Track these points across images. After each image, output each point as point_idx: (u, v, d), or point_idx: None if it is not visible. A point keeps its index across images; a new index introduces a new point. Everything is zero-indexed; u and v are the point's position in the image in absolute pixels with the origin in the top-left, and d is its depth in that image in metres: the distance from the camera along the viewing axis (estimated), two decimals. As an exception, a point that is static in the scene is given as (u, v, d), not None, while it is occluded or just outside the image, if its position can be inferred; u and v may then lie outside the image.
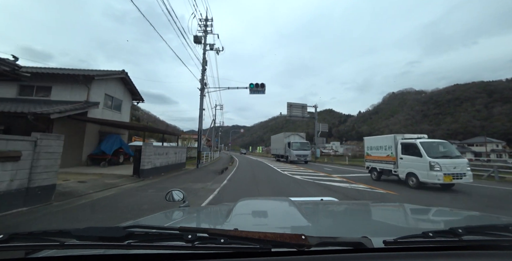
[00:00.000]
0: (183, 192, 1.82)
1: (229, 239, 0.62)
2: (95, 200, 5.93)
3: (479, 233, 0.74)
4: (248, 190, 8.04)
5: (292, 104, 28.73)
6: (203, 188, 8.06)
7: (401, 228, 1.16)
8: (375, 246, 0.66)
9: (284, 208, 1.55)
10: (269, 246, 0.62)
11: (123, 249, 0.64)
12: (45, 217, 4.45)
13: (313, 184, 9.51)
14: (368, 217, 1.44)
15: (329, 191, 7.93)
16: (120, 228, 0.66)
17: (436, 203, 6.26)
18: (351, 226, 1.18)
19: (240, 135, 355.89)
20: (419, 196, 7.13)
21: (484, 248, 0.71)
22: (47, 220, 4.31)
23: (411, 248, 0.70)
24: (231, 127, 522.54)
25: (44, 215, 4.58)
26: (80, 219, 4.50)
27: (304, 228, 1.03)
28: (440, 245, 0.71)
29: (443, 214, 1.45)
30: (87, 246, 0.62)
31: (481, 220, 1.24)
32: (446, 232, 0.71)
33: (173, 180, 10.31)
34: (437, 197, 6.96)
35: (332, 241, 0.65)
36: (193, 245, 0.62)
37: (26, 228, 3.83)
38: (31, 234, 0.65)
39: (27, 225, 4.01)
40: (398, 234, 0.70)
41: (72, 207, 5.22)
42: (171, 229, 0.69)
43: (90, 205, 5.46)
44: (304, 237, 0.62)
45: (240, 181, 10.21)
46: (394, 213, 1.51)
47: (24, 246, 0.63)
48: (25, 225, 4.00)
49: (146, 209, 5.11)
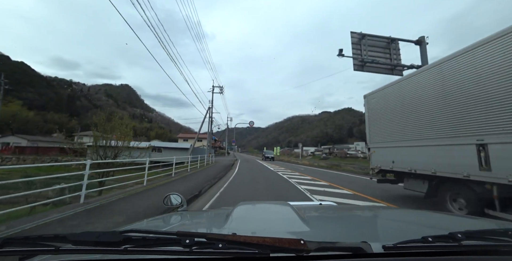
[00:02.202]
0: (181, 196, 1.81)
1: (228, 244, 0.62)
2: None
3: (479, 238, 0.73)
4: None
5: (365, 35, 9.84)
6: None
7: (400, 233, 1.15)
8: (374, 251, 0.66)
9: (283, 212, 1.49)
10: (268, 251, 0.61)
11: (119, 254, 0.62)
12: None
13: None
14: (368, 222, 1.42)
15: None
16: (116, 232, 0.66)
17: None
18: (350, 231, 1.16)
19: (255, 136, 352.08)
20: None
21: (483, 253, 0.71)
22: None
23: (411, 253, 0.69)
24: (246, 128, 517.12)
25: None
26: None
27: (303, 233, 1.01)
28: (440, 250, 0.70)
29: (443, 218, 1.44)
30: (83, 251, 0.61)
31: (480, 225, 1.23)
32: (445, 237, 0.70)
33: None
34: None
35: (331, 246, 0.65)
36: (191, 250, 0.61)
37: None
38: (26, 239, 0.63)
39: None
40: (397, 239, 0.70)
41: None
42: (169, 234, 0.68)
43: None
44: (303, 242, 0.61)
45: None
46: (394, 218, 1.49)
47: (18, 251, 0.62)
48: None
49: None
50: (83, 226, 3.74)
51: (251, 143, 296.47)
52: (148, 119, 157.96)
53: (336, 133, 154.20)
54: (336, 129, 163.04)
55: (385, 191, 7.75)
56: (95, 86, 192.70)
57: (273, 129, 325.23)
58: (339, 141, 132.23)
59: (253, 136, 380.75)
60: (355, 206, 3.96)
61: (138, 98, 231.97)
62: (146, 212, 4.55)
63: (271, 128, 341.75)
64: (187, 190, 7.03)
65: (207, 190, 7.94)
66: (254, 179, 11.16)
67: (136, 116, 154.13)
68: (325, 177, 12.12)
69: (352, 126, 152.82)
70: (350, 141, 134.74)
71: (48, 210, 4.91)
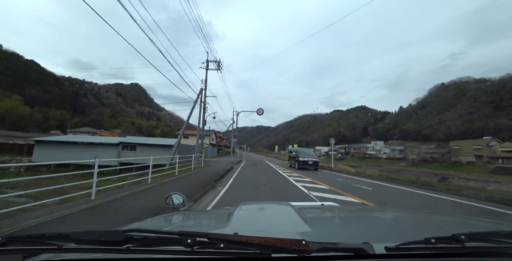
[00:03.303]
0: (183, 195, 1.79)
1: (229, 244, 0.62)
2: None
3: (482, 240, 0.72)
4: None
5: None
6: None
7: (403, 233, 1.12)
8: (376, 252, 0.65)
9: (284, 212, 1.49)
10: (269, 251, 0.61)
11: (121, 253, 0.63)
12: None
13: None
14: (370, 223, 1.39)
15: None
16: (119, 232, 0.66)
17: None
18: (352, 232, 1.16)
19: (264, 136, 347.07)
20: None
21: (487, 255, 0.70)
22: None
23: (413, 254, 0.69)
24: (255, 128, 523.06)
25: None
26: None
27: (304, 233, 1.01)
28: (443, 252, 0.70)
29: (446, 220, 1.40)
30: (85, 250, 0.63)
31: (484, 226, 1.22)
32: (448, 239, 0.70)
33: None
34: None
35: (333, 247, 0.64)
36: (192, 249, 0.61)
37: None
38: (29, 237, 0.64)
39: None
40: (400, 240, 0.69)
41: None
42: (171, 233, 0.68)
43: None
44: (305, 242, 0.61)
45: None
46: (396, 219, 1.49)
47: (22, 250, 0.63)
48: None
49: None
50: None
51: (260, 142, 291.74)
52: (157, 118, 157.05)
53: (349, 132, 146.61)
54: (349, 128, 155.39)
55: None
56: (107, 86, 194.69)
57: (283, 128, 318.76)
58: (353, 140, 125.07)
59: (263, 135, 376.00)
60: (356, 206, 3.90)
61: (147, 97, 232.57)
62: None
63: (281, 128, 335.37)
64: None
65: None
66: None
67: (144, 114, 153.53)
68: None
69: (367, 125, 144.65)
70: (365, 140, 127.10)
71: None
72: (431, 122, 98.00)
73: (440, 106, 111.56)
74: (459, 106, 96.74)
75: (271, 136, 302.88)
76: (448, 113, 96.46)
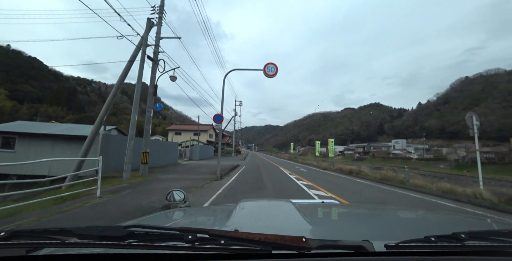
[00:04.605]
0: (184, 192, 1.81)
1: (230, 240, 0.62)
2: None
3: (483, 239, 0.72)
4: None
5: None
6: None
7: (403, 231, 1.12)
8: (376, 249, 0.66)
9: (285, 210, 1.47)
10: (270, 248, 0.62)
11: (123, 249, 0.63)
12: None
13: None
14: (370, 220, 1.39)
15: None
16: (120, 227, 0.67)
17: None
18: (352, 229, 1.14)
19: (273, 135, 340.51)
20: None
21: (487, 254, 0.70)
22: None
23: (413, 252, 0.69)
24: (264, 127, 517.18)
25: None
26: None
27: (305, 230, 1.02)
28: (443, 250, 0.70)
29: (446, 218, 1.40)
30: (88, 245, 0.63)
31: (484, 225, 1.22)
32: (448, 237, 0.69)
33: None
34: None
35: (333, 244, 0.65)
36: (193, 245, 0.62)
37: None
38: (32, 232, 0.65)
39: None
40: (400, 237, 0.69)
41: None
42: (172, 229, 0.69)
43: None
44: (305, 239, 0.62)
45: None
46: (396, 216, 1.48)
47: (25, 244, 0.65)
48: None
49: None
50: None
51: (269, 141, 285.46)
52: (163, 117, 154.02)
53: (363, 130, 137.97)
54: (363, 126, 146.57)
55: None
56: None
57: (292, 127, 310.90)
58: (368, 139, 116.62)
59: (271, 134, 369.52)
60: (357, 204, 3.85)
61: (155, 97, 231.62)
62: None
63: (290, 127, 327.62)
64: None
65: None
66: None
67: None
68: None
69: (383, 123, 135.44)
70: (381, 138, 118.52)
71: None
72: (458, 119, 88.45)
73: (466, 101, 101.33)
74: (489, 101, 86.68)
75: (280, 135, 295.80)
76: (477, 109, 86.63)
